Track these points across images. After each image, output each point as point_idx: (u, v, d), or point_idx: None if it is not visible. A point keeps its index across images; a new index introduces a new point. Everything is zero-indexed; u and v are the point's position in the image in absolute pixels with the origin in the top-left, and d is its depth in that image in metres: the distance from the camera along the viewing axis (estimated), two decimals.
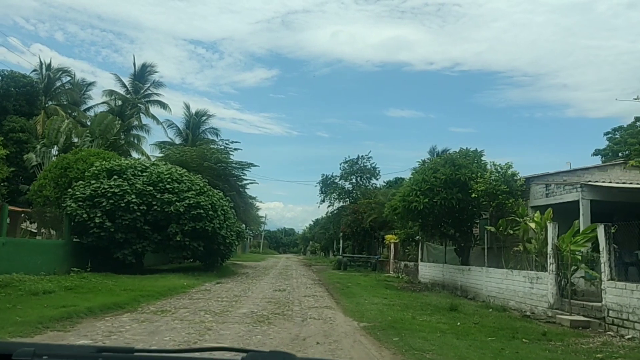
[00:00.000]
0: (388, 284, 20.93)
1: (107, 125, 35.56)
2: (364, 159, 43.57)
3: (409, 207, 17.17)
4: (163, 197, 19.66)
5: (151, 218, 19.56)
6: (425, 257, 23.27)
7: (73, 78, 50.61)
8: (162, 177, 20.30)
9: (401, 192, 18.12)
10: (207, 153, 30.48)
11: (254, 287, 17.17)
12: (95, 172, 20.17)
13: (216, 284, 17.32)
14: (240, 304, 11.70)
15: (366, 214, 35.78)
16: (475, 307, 13.10)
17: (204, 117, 48.29)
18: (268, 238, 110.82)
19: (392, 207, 18.99)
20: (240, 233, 24.78)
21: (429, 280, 21.64)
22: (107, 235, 18.78)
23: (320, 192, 44.81)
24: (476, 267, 16.74)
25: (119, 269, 18.50)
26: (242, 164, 31.96)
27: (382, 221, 33.95)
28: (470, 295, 16.56)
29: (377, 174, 43.74)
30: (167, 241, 19.78)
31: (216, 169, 30.58)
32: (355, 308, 11.66)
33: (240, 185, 32.43)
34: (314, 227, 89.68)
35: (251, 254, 75.61)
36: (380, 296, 14.81)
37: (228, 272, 23.64)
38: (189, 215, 19.75)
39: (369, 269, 31.22)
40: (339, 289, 17.56)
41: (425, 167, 17.89)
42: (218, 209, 21.06)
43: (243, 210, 32.11)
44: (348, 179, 43.85)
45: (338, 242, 59.72)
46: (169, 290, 13.79)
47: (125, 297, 11.34)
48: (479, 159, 17.36)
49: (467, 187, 16.89)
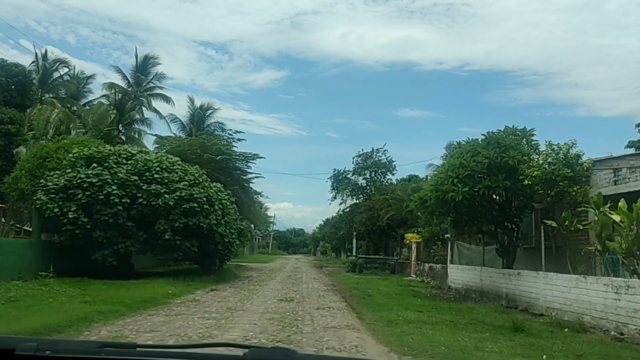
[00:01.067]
0: (415, 291, 17.79)
1: (100, 115, 32.84)
2: (378, 152, 40.49)
3: (444, 198, 14.04)
4: (150, 188, 16.73)
5: (136, 213, 16.63)
6: (456, 258, 20.10)
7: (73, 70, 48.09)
8: (150, 165, 17.37)
9: (433, 180, 15.00)
10: (207, 144, 27.57)
11: (255, 295, 14.14)
12: (71, 159, 17.30)
13: (210, 292, 14.33)
14: (231, 323, 8.67)
15: (383, 210, 32.65)
16: (544, 325, 9.94)
17: (209, 110, 45.48)
18: (277, 238, 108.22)
19: (421, 200, 15.85)
20: (243, 231, 21.76)
21: (461, 286, 18.46)
22: (83, 233, 15.89)
23: (331, 188, 41.82)
24: (529, 272, 13.56)
25: (101, 273, 15.65)
26: (247, 155, 29.03)
27: (400, 218, 30.83)
28: (522, 306, 13.39)
29: (393, 169, 40.63)
30: (154, 240, 16.84)
31: (218, 161, 27.68)
32: (388, 329, 8.57)
33: (245, 180, 29.50)
34: (324, 227, 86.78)
35: (259, 254, 72.79)
36: (413, 308, 11.70)
37: (228, 275, 20.65)
38: (181, 210, 16.79)
39: (387, 272, 28.09)
40: (358, 297, 14.48)
41: (463, 150, 14.74)
42: (215, 203, 18.08)
43: (247, 207, 29.15)
44: (362, 173, 40.74)
45: (350, 242, 56.58)
46: (146, 301, 10.82)
47: (76, 314, 8.37)
48: (529, 138, 14.19)
49: (515, 173, 13.73)
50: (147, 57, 50.00)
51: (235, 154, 28.25)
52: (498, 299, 14.94)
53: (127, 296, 11.27)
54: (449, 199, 13.89)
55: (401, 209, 29.96)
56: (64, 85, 46.83)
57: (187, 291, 13.89)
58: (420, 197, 15.98)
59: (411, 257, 26.59)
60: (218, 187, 19.63)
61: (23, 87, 38.03)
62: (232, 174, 28.00)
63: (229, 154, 27.31)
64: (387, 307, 11.73)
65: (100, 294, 11.61)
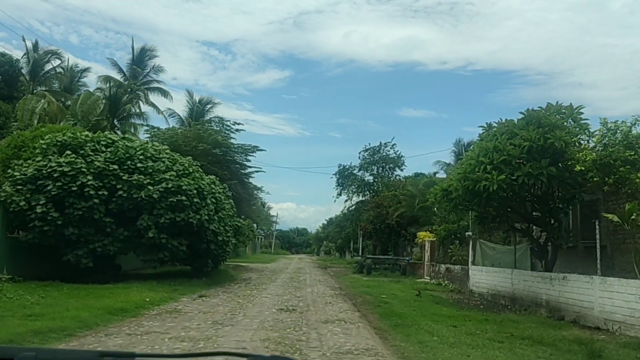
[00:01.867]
0: (434, 296, 15.58)
1: (90, 106, 30.76)
2: (386, 146, 38.24)
3: (474, 188, 11.81)
4: (131, 179, 14.56)
5: (115, 207, 14.47)
6: (479, 259, 17.86)
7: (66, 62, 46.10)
8: (132, 153, 15.21)
9: (460, 168, 12.76)
10: (203, 134, 25.41)
11: (250, 303, 11.94)
12: (43, 147, 15.16)
13: (197, 299, 12.15)
14: (212, 346, 6.46)
15: (392, 208, 30.46)
16: (617, 346, 7.70)
17: (209, 105, 43.31)
18: (280, 238, 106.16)
19: (443, 191, 13.61)
20: (240, 229, 19.58)
21: (486, 291, 16.24)
22: (54, 230, 13.75)
23: (336, 185, 39.59)
24: (579, 276, 11.32)
25: (78, 276, 13.56)
26: (246, 147, 26.84)
27: (411, 216, 28.64)
28: (569, 317, 11.16)
29: (402, 164, 38.38)
30: (136, 238, 14.67)
31: (214, 154, 25.52)
32: (424, 355, 6.35)
33: (244, 174, 27.33)
34: (328, 227, 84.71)
35: (262, 254, 70.65)
36: (442, 321, 9.49)
37: (223, 278, 18.47)
38: (167, 204, 14.62)
39: (397, 273, 25.87)
40: (372, 305, 12.28)
41: (497, 131, 12.50)
42: (207, 196, 15.89)
43: (247, 203, 26.97)
44: (368, 169, 38.51)
45: (356, 242, 54.36)
46: (111, 313, 8.64)
47: (3, 335, 6.19)
48: (576, 116, 11.93)
49: (561, 158, 11.52)
50: (143, 49, 47.93)
51: (233, 146, 26.10)
52: (536, 307, 12.72)
53: (91, 306, 9.12)
54: (481, 189, 11.66)
55: (412, 205, 27.77)
56: (56, 77, 44.81)
57: (171, 298, 11.71)
58: (442, 188, 13.75)
59: (424, 257, 24.37)
60: (212, 179, 17.47)
61: (10, 77, 36.05)
62: (229, 167, 25.86)
63: (226, 145, 25.14)
64: (411, 319, 9.52)
65: (59, 302, 9.46)
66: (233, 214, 19.13)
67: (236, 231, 19.11)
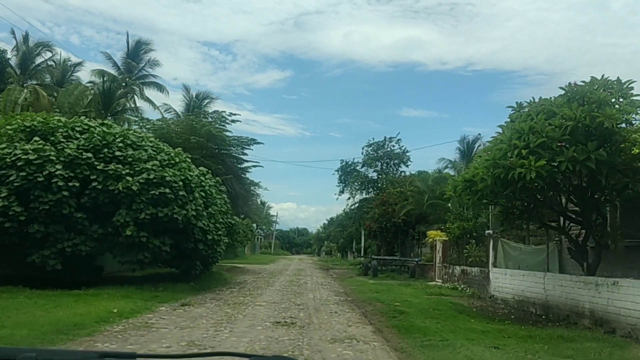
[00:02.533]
0: (453, 303, 13.71)
1: (77, 97, 28.91)
2: (391, 141, 36.35)
3: (507, 177, 9.93)
4: (108, 168, 12.72)
5: (88, 201, 12.63)
6: (501, 260, 15.98)
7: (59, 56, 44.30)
8: (110, 140, 13.36)
9: (488, 154, 10.86)
10: (196, 125, 23.57)
11: (241, 314, 10.07)
12: (9, 132, 13.32)
13: (178, 308, 10.28)
14: None
15: (398, 205, 28.57)
16: None
17: (206, 100, 41.47)
18: (280, 238, 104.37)
19: (466, 182, 11.73)
20: (234, 227, 17.73)
21: (511, 297, 14.36)
22: (16, 226, 11.91)
23: (338, 182, 37.69)
24: (636, 282, 9.45)
25: (47, 280, 11.78)
26: (242, 140, 24.99)
27: (419, 214, 26.78)
28: (622, 330, 9.30)
29: (407, 160, 36.47)
30: (113, 237, 12.82)
31: (208, 147, 23.68)
32: None
33: (240, 169, 25.47)
34: (329, 227, 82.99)
35: (261, 254, 68.90)
36: (478, 339, 7.62)
37: (215, 281, 16.61)
38: (148, 197, 12.78)
39: (406, 275, 24.00)
40: (386, 315, 10.42)
41: (530, 111, 10.62)
42: (195, 189, 14.03)
43: (243, 200, 25.12)
44: (372, 165, 36.61)
45: (359, 242, 52.48)
46: (59, 331, 6.76)
47: None
48: (626, 92, 10.06)
49: (610, 140, 9.67)
50: (139, 42, 46.14)
51: (228, 138, 24.26)
52: (576, 317, 10.84)
53: (37, 320, 7.27)
54: (515, 177, 9.78)
55: (421, 202, 25.91)
56: (48, 71, 43.02)
57: (146, 308, 9.84)
58: (465, 179, 11.85)
59: (435, 258, 22.50)
60: (202, 170, 15.62)
61: None
62: (224, 161, 24.03)
63: (221, 138, 23.28)
64: (439, 337, 7.65)
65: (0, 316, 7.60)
66: (226, 211, 17.28)
67: (229, 229, 17.25)
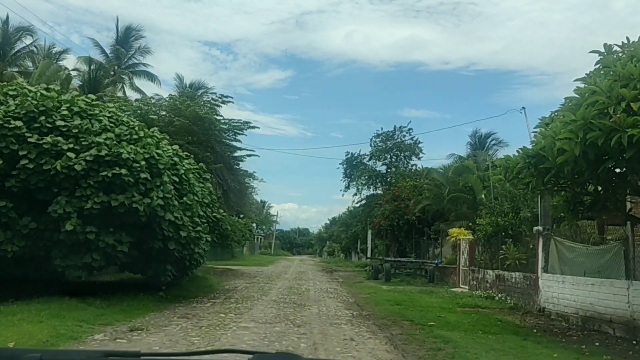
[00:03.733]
0: (502, 321, 10.46)
1: (49, 77, 25.67)
2: (402, 131, 33.04)
3: (606, 143, 6.68)
4: (43, 141, 9.48)
5: (16, 185, 9.40)
6: (554, 264, 12.68)
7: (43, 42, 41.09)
8: (49, 105, 10.12)
9: (571, 113, 7.57)
10: (180, 106, 20.34)
11: (213, 344, 6.79)
12: None
13: (123, 335, 7.03)
14: None
15: (412, 201, 25.32)
16: None
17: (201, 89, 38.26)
18: (280, 238, 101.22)
19: (529, 160, 8.44)
20: (219, 222, 14.45)
21: (573, 311, 11.10)
22: None
23: (344, 176, 34.41)
24: None
25: None
26: (235, 123, 21.70)
27: (436, 210, 23.52)
28: None
29: (420, 152, 33.18)
30: (50, 233, 9.59)
31: (194, 131, 20.46)
32: None
33: (233, 157, 22.21)
34: (331, 226, 79.85)
35: (261, 255, 65.67)
36: None
37: (194, 290, 13.34)
38: (98, 181, 9.55)
39: (423, 280, 20.72)
40: (427, 345, 7.17)
41: (634, 52, 7.38)
42: (164, 172, 10.75)
43: (236, 194, 21.85)
44: (381, 157, 33.33)
45: (364, 241, 49.21)
46: None
47: None
48: None
49: None
50: (129, 28, 43.05)
51: (219, 121, 21.00)
52: None
53: None
54: (625, 142, 6.50)
55: (440, 196, 22.65)
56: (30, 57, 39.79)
57: (72, 336, 6.60)
58: (529, 154, 8.54)
59: (459, 260, 19.23)
60: (175, 149, 12.38)
61: None
62: (214, 148, 20.80)
63: (209, 120, 20.03)
64: None
65: None
66: (210, 203, 14.03)
67: (214, 225, 13.98)
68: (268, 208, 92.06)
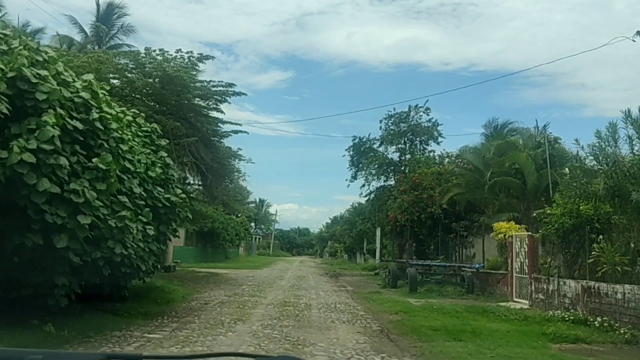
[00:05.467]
0: None
1: None
2: (417, 111, 28.18)
3: None
4: None
5: None
6: None
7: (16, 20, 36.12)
8: None
9: None
10: (143, 60, 15.54)
11: None
12: None
13: None
14: None
15: (437, 190, 20.50)
16: None
17: None
18: (280, 238, 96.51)
19: None
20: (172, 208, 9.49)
21: None
22: None
23: (350, 165, 29.51)
24: None
25: None
26: (215, 87, 16.79)
27: (467, 200, 18.73)
28: None
29: (439, 136, 28.36)
30: None
31: (163, 96, 15.65)
32: None
33: (212, 132, 17.34)
34: (332, 226, 75.14)
35: (258, 256, 60.94)
36: None
37: (135, 311, 8.50)
38: None
39: (458, 289, 15.85)
40: None
41: None
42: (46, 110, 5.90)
43: (216, 176, 16.93)
44: (393, 142, 28.50)
45: (370, 241, 44.36)
46: None
47: None
48: None
49: None
50: (111, 4, 38.15)
51: (194, 83, 16.12)
52: None
53: None
54: None
55: (477, 183, 17.84)
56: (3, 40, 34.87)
57: None
58: None
59: (511, 264, 14.40)
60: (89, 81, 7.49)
61: None
62: (187, 118, 15.99)
63: (180, 80, 15.16)
64: None
65: None
66: (161, 179, 9.18)
67: (166, 212, 9.10)
68: (267, 207, 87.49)
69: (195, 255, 34.72)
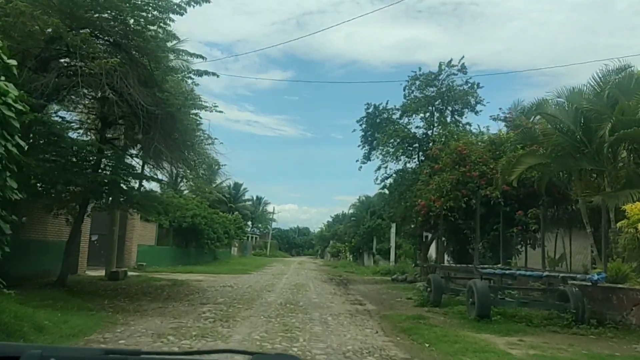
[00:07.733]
0: None
1: None
2: (451, 70, 21.83)
3: None
4: None
5: None
6: None
7: None
8: None
9: None
10: None
11: None
12: None
13: None
14: None
15: (499, 164, 14.17)
16: None
17: None
18: (278, 238, 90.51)
19: None
20: None
21: None
22: None
23: (362, 141, 23.06)
24: None
25: None
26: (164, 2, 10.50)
27: (549, 180, 12.40)
28: None
29: (479, 103, 22.03)
30: None
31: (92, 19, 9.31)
32: None
33: (162, 68, 10.98)
34: (334, 224, 69.01)
35: (253, 257, 54.79)
36: None
37: None
38: None
39: (556, 313, 9.55)
40: None
41: None
42: None
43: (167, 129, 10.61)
44: (420, 111, 22.14)
45: (380, 240, 38.03)
46: None
47: None
48: None
49: None
50: None
51: None
52: None
53: None
54: None
55: (572, 147, 11.55)
56: None
57: None
58: None
59: None
60: None
61: None
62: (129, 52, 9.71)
63: None
64: None
65: None
66: None
67: None
68: (264, 205, 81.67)
69: (171, 257, 28.40)
